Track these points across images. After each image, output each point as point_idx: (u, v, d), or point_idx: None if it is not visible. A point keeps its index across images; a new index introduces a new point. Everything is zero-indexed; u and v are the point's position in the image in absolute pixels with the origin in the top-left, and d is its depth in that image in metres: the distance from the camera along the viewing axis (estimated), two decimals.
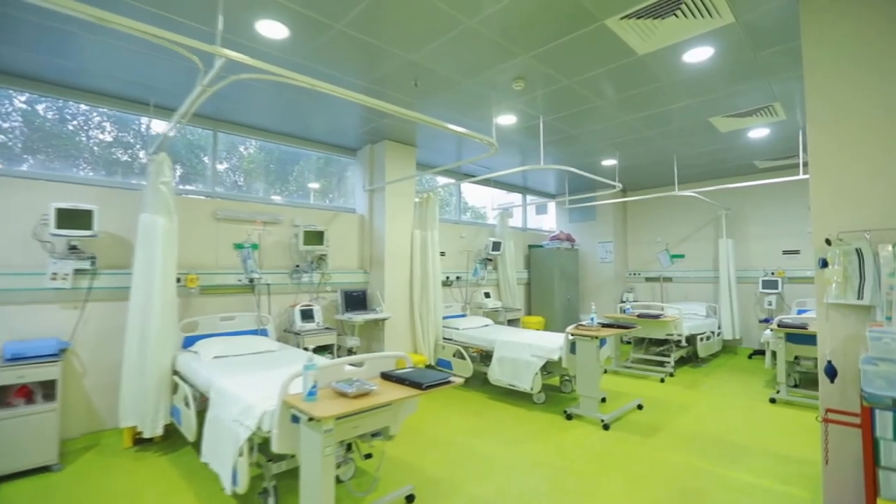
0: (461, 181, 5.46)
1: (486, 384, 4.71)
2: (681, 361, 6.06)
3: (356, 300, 4.88)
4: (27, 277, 3.19)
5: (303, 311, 4.40)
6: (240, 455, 2.21)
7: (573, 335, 3.96)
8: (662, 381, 5.13)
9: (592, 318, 4.20)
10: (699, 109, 4.11)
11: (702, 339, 5.85)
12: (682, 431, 3.58)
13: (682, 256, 7.50)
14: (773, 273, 6.46)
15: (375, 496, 2.59)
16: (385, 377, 2.38)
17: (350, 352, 4.67)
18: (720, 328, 6.50)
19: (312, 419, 1.88)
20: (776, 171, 6.33)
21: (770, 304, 6.34)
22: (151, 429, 3.14)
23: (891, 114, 2.01)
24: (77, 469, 2.96)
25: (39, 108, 3.61)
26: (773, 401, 4.33)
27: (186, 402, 2.99)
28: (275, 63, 2.16)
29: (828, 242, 2.10)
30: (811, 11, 2.25)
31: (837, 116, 2.14)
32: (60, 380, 2.98)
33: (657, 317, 5.45)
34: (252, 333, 4.03)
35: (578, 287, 7.73)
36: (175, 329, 3.47)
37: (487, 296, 6.37)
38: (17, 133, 3.48)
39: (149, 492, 2.67)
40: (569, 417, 3.88)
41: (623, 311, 6.04)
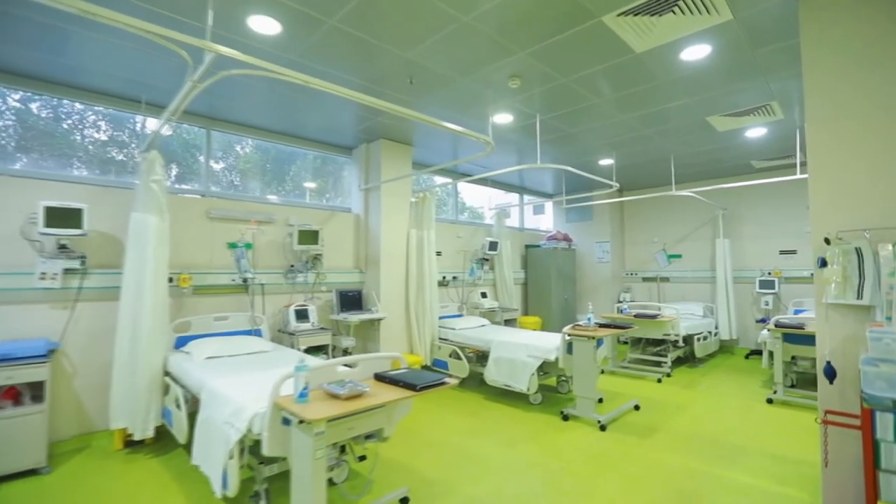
0: (458, 180, 5.43)
1: (483, 385, 4.68)
2: (678, 361, 6.04)
3: (351, 300, 4.84)
4: (15, 277, 3.14)
5: (297, 312, 4.36)
6: (230, 458, 2.17)
7: (570, 335, 3.93)
8: (659, 382, 5.11)
9: (589, 319, 4.18)
10: (696, 108, 4.09)
11: (699, 340, 5.84)
12: (679, 432, 3.56)
13: (680, 256, 7.49)
14: (770, 273, 6.45)
15: (369, 499, 2.55)
16: (379, 378, 2.35)
17: (345, 352, 4.63)
18: (717, 328, 6.49)
19: (303, 421, 1.84)
20: (773, 171, 6.33)
21: (767, 304, 6.33)
22: (142, 431, 3.10)
23: (890, 112, 1.99)
24: (66, 472, 2.91)
25: (33, 107, 3.56)
26: (770, 401, 4.32)
27: (178, 404, 2.95)
28: (270, 60, 2.12)
29: (827, 242, 2.07)
30: (810, 9, 2.22)
31: (837, 114, 2.12)
32: (49, 381, 2.93)
33: (654, 317, 5.43)
34: (246, 334, 3.98)
35: (575, 287, 7.70)
36: (167, 329, 3.42)
37: (484, 296, 6.33)
38: (11, 132, 3.43)
39: (139, 495, 2.62)
40: (565, 418, 3.85)
41: (620, 311, 6.01)
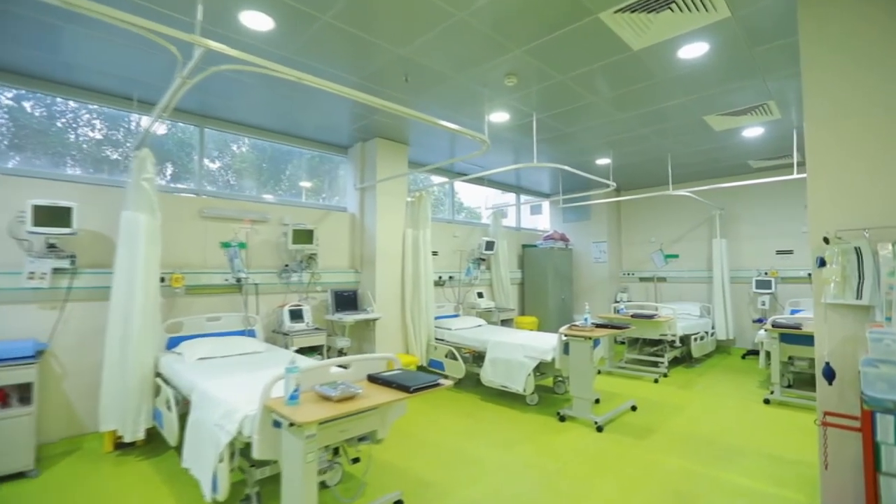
0: (454, 179, 5.39)
1: (479, 385, 4.64)
2: (675, 362, 6.02)
3: (347, 300, 4.80)
4: (2, 277, 3.08)
5: (292, 312, 4.31)
6: (220, 461, 2.13)
7: (566, 336, 3.90)
8: (656, 382, 5.09)
9: (586, 319, 4.15)
10: (694, 107, 4.06)
11: (696, 340, 5.82)
12: (677, 433, 3.53)
13: (676, 256, 7.47)
14: (767, 273, 6.44)
15: (363, 502, 2.52)
16: (372, 379, 2.31)
17: (340, 352, 4.59)
18: (714, 328, 6.47)
19: (294, 424, 1.80)
20: (770, 171, 6.32)
21: (763, 304, 6.33)
22: (132, 433, 3.05)
23: (890, 110, 1.96)
24: (54, 475, 2.86)
25: (27, 106, 3.51)
26: (767, 401, 4.30)
27: (168, 405, 2.90)
28: (264, 57, 2.08)
29: (826, 241, 2.05)
30: (809, 6, 2.20)
31: (836, 112, 2.09)
32: (37, 382, 2.88)
33: (651, 317, 5.41)
34: (239, 334, 3.93)
35: (572, 287, 7.68)
36: (158, 329, 3.37)
37: (480, 296, 6.30)
38: (3, 130, 3.37)
39: (129, 498, 2.58)
40: (562, 419, 3.82)
41: (617, 312, 5.99)
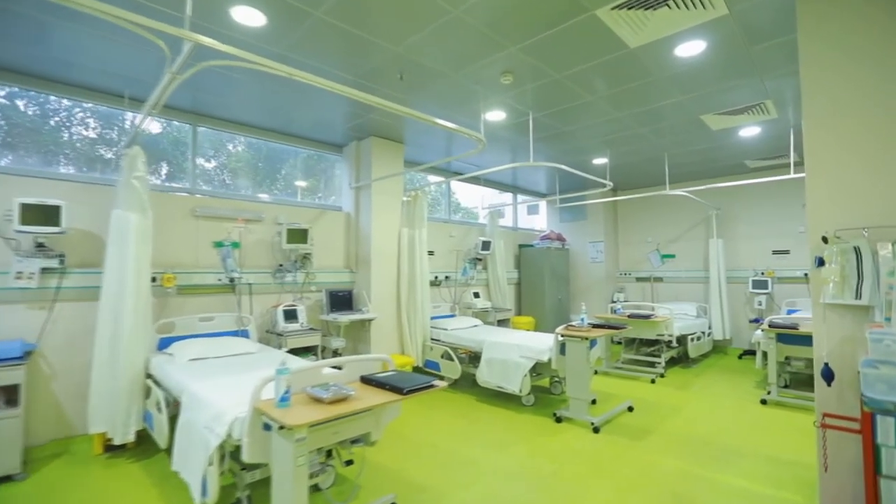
0: (450, 178, 5.36)
1: (475, 386, 4.61)
2: (671, 362, 6.00)
3: (342, 300, 4.76)
4: None
5: (286, 312, 4.26)
6: (209, 464, 2.08)
7: (563, 336, 3.87)
8: (653, 382, 5.07)
9: (583, 319, 4.12)
10: (691, 106, 4.04)
11: (692, 340, 5.80)
12: (674, 434, 3.51)
13: (673, 256, 7.46)
14: (763, 273, 6.43)
15: None
16: (365, 381, 2.27)
17: (335, 353, 4.55)
18: (710, 328, 6.46)
19: (283, 427, 1.76)
20: (767, 171, 6.31)
21: (760, 304, 6.32)
22: (122, 435, 3.00)
23: (889, 109, 1.94)
24: (42, 478, 2.81)
25: (20, 104, 3.45)
26: (764, 402, 4.28)
27: (159, 407, 2.86)
28: (256, 54, 2.03)
29: (824, 240, 2.02)
30: (808, 3, 2.17)
31: (835, 111, 2.06)
32: (24, 384, 2.83)
33: (648, 317, 5.39)
34: (232, 335, 3.88)
35: (569, 287, 7.66)
36: (149, 330, 3.32)
37: (477, 296, 6.26)
38: None
39: (117, 502, 2.53)
40: (558, 420, 3.79)
41: (614, 312, 5.97)
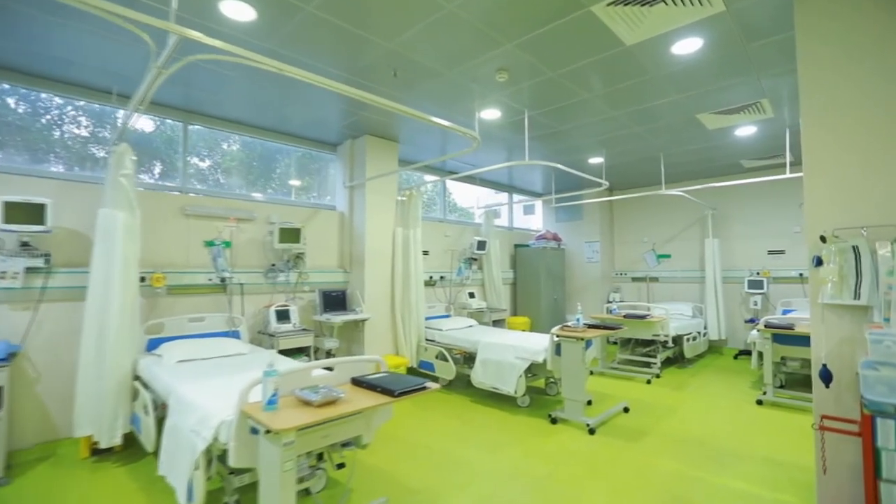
0: (445, 178, 5.32)
1: (470, 386, 4.57)
2: (667, 362, 5.98)
3: (335, 300, 4.70)
4: None
5: (278, 312, 4.21)
6: (195, 469, 2.03)
7: (558, 336, 3.84)
8: (649, 383, 5.05)
9: (578, 319, 4.09)
10: (687, 105, 4.02)
11: (688, 340, 5.79)
12: (669, 435, 3.48)
13: (669, 256, 7.45)
14: (759, 273, 6.43)
15: None
16: (356, 383, 2.22)
17: (328, 354, 4.49)
18: (706, 328, 6.45)
19: (270, 431, 1.71)
20: (762, 171, 6.31)
21: (755, 305, 6.31)
22: (109, 438, 2.93)
23: (888, 106, 1.91)
24: (26, 483, 2.74)
25: (10, 102, 3.39)
26: (760, 402, 4.27)
27: (146, 410, 2.80)
28: (247, 50, 1.98)
29: (822, 239, 1.99)
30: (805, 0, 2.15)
31: (833, 108, 2.04)
32: (8, 386, 2.77)
33: (644, 317, 5.36)
34: (223, 335, 3.82)
35: (565, 287, 7.63)
36: (137, 331, 3.25)
37: (472, 296, 6.22)
38: None
39: None
40: (553, 421, 3.75)
41: (609, 312, 5.94)
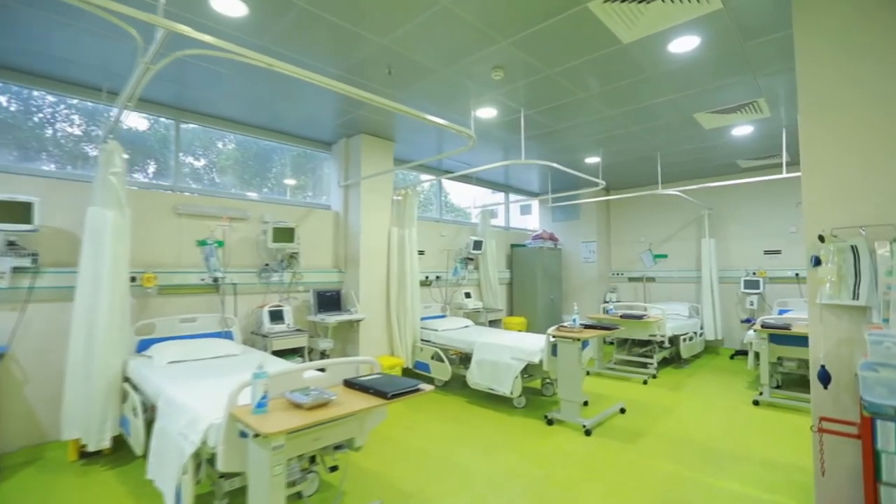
0: (440, 177, 5.28)
1: (465, 387, 4.53)
2: (663, 362, 5.97)
3: (330, 300, 4.66)
4: None
5: (272, 312, 4.16)
6: (183, 473, 1.99)
7: (554, 337, 3.81)
8: (645, 383, 5.03)
9: (574, 319, 4.06)
10: (684, 104, 3.99)
11: (685, 340, 5.77)
12: (666, 436, 3.46)
13: (665, 256, 7.44)
14: (755, 273, 6.43)
15: None
16: (348, 385, 2.18)
17: (323, 354, 4.45)
18: (702, 328, 6.44)
19: (259, 435, 1.67)
20: (758, 171, 6.30)
21: (752, 305, 6.30)
22: (97, 441, 2.88)
23: (887, 104, 1.89)
24: (11, 487, 2.68)
25: (2, 100, 3.35)
26: (757, 403, 4.25)
27: (135, 412, 2.75)
28: (239, 46, 1.93)
29: (821, 239, 1.97)
30: None
31: (831, 106, 2.01)
32: None
33: (640, 317, 5.34)
34: (215, 336, 3.78)
35: (561, 287, 7.61)
36: (127, 331, 3.19)
37: (468, 296, 6.19)
38: None
39: None
40: (549, 422, 3.72)
41: (606, 312, 5.92)
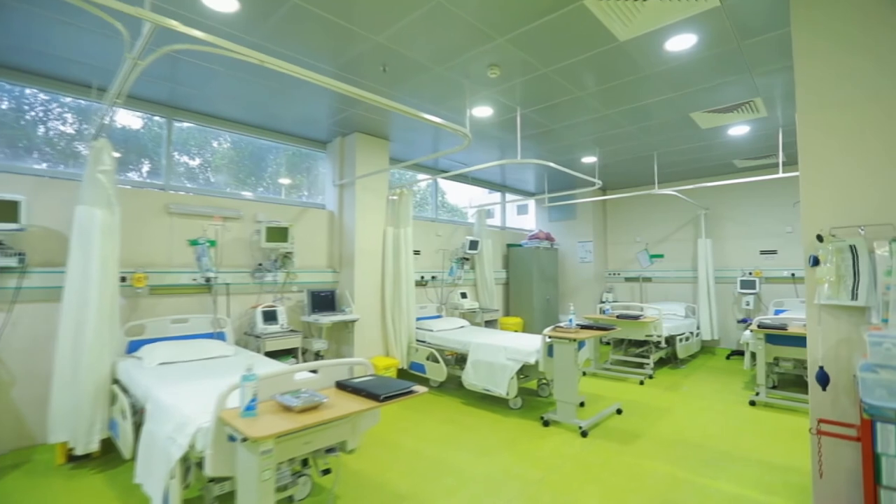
0: (436, 176, 5.25)
1: (462, 388, 4.50)
2: (660, 363, 5.95)
3: (324, 301, 4.61)
4: None
5: (265, 313, 4.11)
6: (171, 478, 1.94)
7: (550, 338, 3.78)
8: (642, 384, 5.01)
9: (571, 320, 4.04)
10: (680, 103, 3.97)
11: (681, 340, 5.76)
12: (662, 438, 3.43)
13: (662, 256, 7.43)
14: (751, 273, 6.42)
15: None
16: (340, 387, 2.14)
17: (317, 355, 4.41)
18: (699, 328, 6.43)
19: (247, 439, 1.63)
20: (755, 171, 6.30)
21: (748, 305, 6.30)
22: (85, 444, 2.82)
23: (887, 102, 1.87)
24: None
25: None
26: (753, 403, 4.24)
27: (124, 415, 2.70)
28: (231, 43, 1.89)
29: (819, 239, 1.94)
30: None
31: (830, 104, 1.99)
32: None
33: (637, 317, 5.32)
34: (207, 337, 3.73)
35: (558, 287, 7.58)
36: (116, 333, 3.14)
37: (464, 296, 6.15)
38: None
39: None
40: (546, 424, 3.69)
41: (603, 312, 5.90)
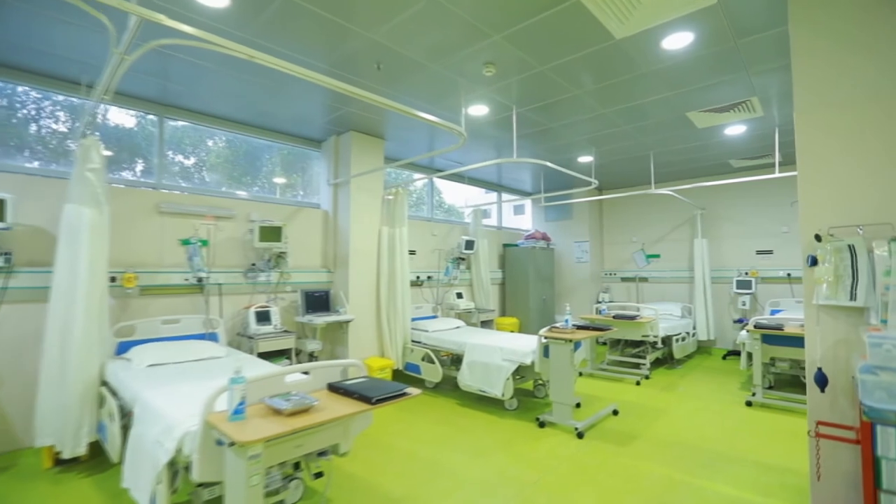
0: (431, 175, 5.21)
1: (457, 389, 4.46)
2: (656, 363, 5.94)
3: (318, 301, 4.57)
4: None
5: (258, 313, 4.06)
6: (158, 482, 1.90)
7: (546, 338, 3.75)
8: (638, 384, 4.99)
9: (567, 320, 4.01)
10: (677, 103, 3.95)
11: (677, 341, 5.75)
12: (659, 439, 3.41)
13: (658, 256, 7.42)
14: (747, 273, 6.42)
15: None
16: (332, 389, 2.10)
17: (311, 356, 4.36)
18: (695, 329, 6.42)
19: (235, 443, 1.59)
20: (751, 171, 6.30)
21: (744, 305, 6.30)
22: (72, 448, 2.77)
23: (888, 101, 1.84)
24: None
25: None
26: (749, 404, 4.22)
27: (112, 417, 2.65)
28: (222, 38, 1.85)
29: (818, 238, 1.92)
30: None
31: (829, 103, 1.97)
32: None
33: (633, 318, 5.30)
34: (199, 338, 3.68)
35: (554, 287, 7.56)
36: (105, 334, 3.08)
37: (460, 296, 6.12)
38: None
39: None
40: (541, 425, 3.66)
41: (599, 312, 5.88)
